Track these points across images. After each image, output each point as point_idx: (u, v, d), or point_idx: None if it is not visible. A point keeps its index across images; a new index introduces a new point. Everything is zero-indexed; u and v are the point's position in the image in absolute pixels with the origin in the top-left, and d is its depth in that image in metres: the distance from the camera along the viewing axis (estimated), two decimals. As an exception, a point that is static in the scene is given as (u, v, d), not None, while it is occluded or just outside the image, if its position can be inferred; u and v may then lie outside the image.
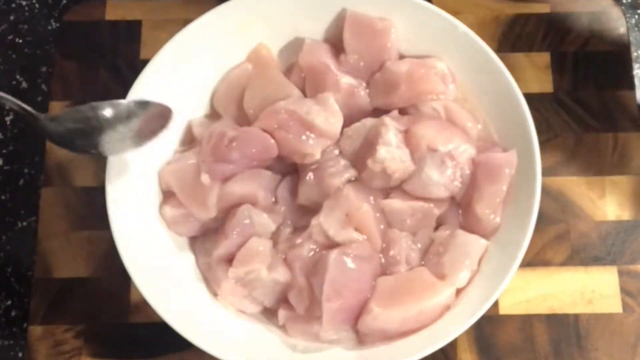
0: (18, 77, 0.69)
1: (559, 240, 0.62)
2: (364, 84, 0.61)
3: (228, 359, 0.52)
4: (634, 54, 0.69)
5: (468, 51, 0.59)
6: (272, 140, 0.56)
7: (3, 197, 0.66)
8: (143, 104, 0.53)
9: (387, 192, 0.58)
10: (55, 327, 0.61)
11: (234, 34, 0.60)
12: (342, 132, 0.58)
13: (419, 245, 0.57)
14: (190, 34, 0.58)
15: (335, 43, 0.61)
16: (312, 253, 0.56)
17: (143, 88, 0.57)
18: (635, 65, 0.68)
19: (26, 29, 0.71)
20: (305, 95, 0.60)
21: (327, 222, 0.55)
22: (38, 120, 0.50)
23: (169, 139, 0.60)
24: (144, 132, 0.52)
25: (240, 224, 0.56)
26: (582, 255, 0.62)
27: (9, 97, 0.49)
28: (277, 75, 0.60)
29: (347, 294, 0.53)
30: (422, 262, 0.57)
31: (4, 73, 0.70)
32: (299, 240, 0.56)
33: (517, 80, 0.56)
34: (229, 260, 0.55)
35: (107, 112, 0.51)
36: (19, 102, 0.49)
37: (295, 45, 0.62)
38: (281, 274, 0.55)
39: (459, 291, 0.55)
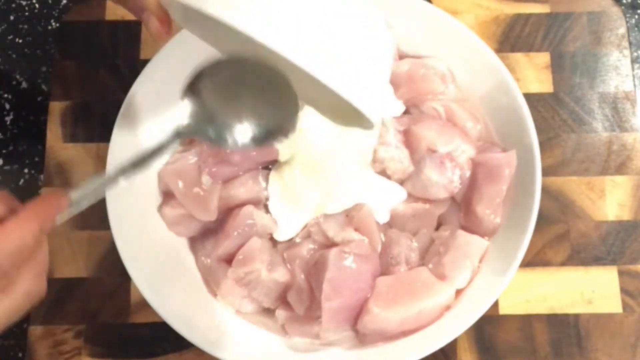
0: (18, 77, 0.69)
1: (559, 240, 0.62)
2: (364, 84, 0.60)
3: (228, 359, 0.52)
4: (634, 54, 0.69)
5: (468, 51, 0.59)
6: (274, 143, 0.56)
7: (3, 197, 0.66)
8: None
9: (387, 192, 0.58)
10: (55, 327, 0.60)
11: (234, 34, 0.60)
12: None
13: (419, 245, 0.57)
14: (190, 34, 0.58)
15: (335, 43, 0.61)
16: (311, 252, 0.56)
17: (143, 88, 0.57)
18: (635, 65, 0.68)
19: (26, 29, 0.71)
20: (305, 95, 0.60)
21: (326, 222, 0.55)
22: None
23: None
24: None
25: (243, 225, 0.55)
26: (582, 255, 0.62)
27: None
28: (277, 75, 0.60)
29: (346, 293, 0.53)
30: (422, 262, 0.57)
31: (4, 73, 0.70)
32: (298, 240, 0.56)
33: (517, 80, 0.56)
34: (229, 260, 0.55)
35: None
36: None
37: (295, 45, 0.61)
38: (281, 274, 0.55)
39: (459, 291, 0.55)
